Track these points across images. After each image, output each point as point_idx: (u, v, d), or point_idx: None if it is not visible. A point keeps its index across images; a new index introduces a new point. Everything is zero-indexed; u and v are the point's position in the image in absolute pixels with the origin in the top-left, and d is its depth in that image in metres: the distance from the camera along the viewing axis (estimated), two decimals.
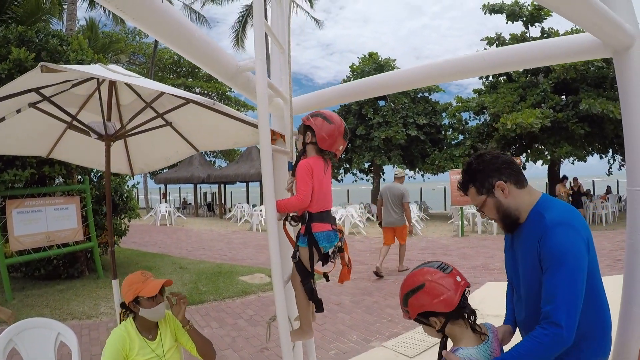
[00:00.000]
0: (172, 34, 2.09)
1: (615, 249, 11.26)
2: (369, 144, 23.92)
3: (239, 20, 30.59)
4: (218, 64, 2.46)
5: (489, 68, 3.14)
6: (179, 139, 4.59)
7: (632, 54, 2.61)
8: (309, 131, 2.63)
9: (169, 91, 2.84)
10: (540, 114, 18.58)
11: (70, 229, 9.01)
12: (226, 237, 17.57)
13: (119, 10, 1.87)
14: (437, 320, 1.90)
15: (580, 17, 2.37)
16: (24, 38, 8.76)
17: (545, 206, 1.98)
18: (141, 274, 2.73)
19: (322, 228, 2.55)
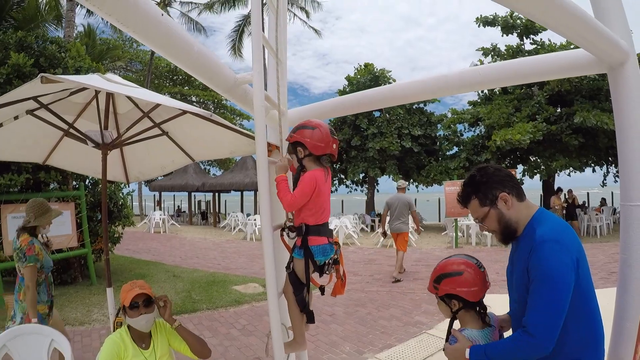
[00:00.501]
0: (172, 47, 2.11)
1: (609, 261, 11.30)
2: (364, 155, 23.98)
3: (235, 29, 30.72)
4: (216, 77, 2.49)
5: (484, 83, 3.19)
6: (175, 149, 4.61)
7: (626, 70, 2.65)
8: (298, 147, 2.60)
9: (165, 103, 2.86)
10: (532, 128, 18.68)
11: (64, 235, 8.98)
12: (220, 245, 17.52)
13: (120, 24, 1.89)
14: (457, 304, 2.19)
15: (576, 35, 2.41)
16: (23, 43, 8.81)
17: (538, 221, 2.01)
18: (130, 284, 2.78)
19: (318, 241, 2.54)
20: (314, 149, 2.54)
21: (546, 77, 3.18)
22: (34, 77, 8.39)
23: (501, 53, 22.08)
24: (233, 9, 29.19)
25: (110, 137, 4.13)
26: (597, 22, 2.44)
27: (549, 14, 2.20)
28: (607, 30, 2.48)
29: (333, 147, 2.61)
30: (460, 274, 2.16)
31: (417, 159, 24.41)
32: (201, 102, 36.89)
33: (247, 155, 4.32)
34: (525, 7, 2.13)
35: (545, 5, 2.12)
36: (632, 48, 2.67)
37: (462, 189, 2.18)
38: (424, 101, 25.14)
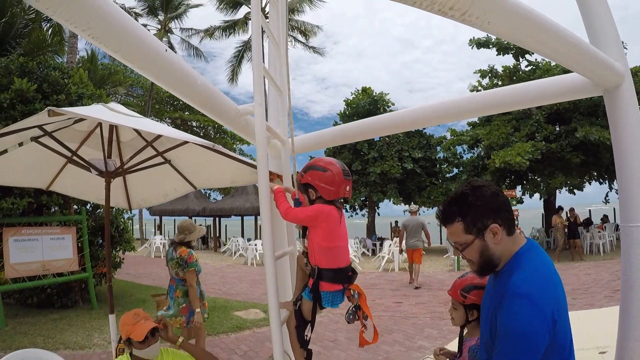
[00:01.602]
0: (176, 81, 2.17)
1: (613, 279, 11.24)
2: (365, 179, 24.02)
3: (235, 55, 31.02)
4: (219, 109, 2.54)
5: (482, 110, 3.25)
6: (177, 177, 4.66)
7: (622, 92, 2.69)
8: (310, 189, 2.49)
9: (168, 134, 2.91)
10: (532, 147, 18.70)
11: (65, 259, 8.99)
12: (221, 270, 17.43)
13: (125, 60, 1.95)
14: (475, 314, 2.35)
15: (571, 62, 2.46)
16: (26, 69, 8.94)
17: (519, 263, 1.75)
18: (133, 316, 2.78)
19: (330, 288, 2.44)
20: (325, 194, 2.43)
21: (543, 102, 3.24)
22: (37, 102, 8.51)
23: (498, 74, 22.27)
24: (233, 35, 29.58)
25: (113, 166, 4.18)
26: (591, 47, 2.49)
27: (544, 43, 2.25)
28: (602, 55, 2.53)
29: (346, 190, 2.48)
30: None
31: (418, 181, 24.45)
32: (201, 127, 37.08)
33: (248, 184, 4.36)
34: (521, 38, 2.17)
35: (540, 35, 2.16)
36: (627, 70, 2.71)
37: (446, 206, 1.84)
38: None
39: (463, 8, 1.59)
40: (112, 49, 1.89)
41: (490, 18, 1.72)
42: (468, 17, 1.64)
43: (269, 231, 2.33)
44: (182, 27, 31.78)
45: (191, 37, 31.69)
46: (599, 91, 2.80)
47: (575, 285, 10.80)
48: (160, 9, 30.68)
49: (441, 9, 1.57)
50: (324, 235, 2.42)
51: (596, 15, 2.79)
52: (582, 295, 9.73)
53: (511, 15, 1.84)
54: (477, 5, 1.61)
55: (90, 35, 1.80)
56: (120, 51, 1.90)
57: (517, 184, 22.25)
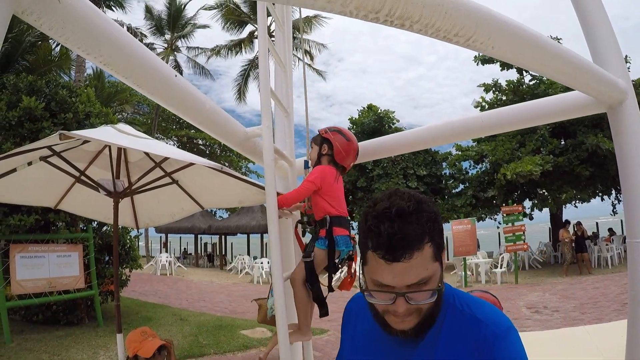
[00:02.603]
0: (186, 106, 2.21)
1: (622, 292, 11.10)
2: (370, 196, 23.97)
3: (241, 73, 31.21)
4: (228, 132, 2.58)
5: (487, 129, 3.26)
6: (184, 197, 4.68)
7: (625, 108, 2.71)
8: (325, 144, 2.83)
9: (177, 156, 2.94)
10: (540, 160, 18.63)
11: (72, 277, 9.01)
12: (227, 289, 17.39)
13: (136, 86, 1.99)
14: None
15: (574, 81, 2.48)
16: (34, 87, 9.05)
17: (460, 297, 1.28)
18: (140, 333, 2.80)
19: (341, 232, 2.68)
20: (337, 155, 2.80)
21: (548, 121, 3.25)
22: (44, 120, 8.60)
23: (502, 88, 22.27)
24: (239, 54, 29.82)
25: (122, 186, 4.22)
26: (594, 66, 2.52)
27: (548, 65, 2.27)
28: (605, 73, 2.56)
29: (350, 164, 2.90)
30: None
31: None
32: (207, 145, 37.28)
33: (256, 204, 4.38)
34: (524, 61, 2.20)
35: (544, 58, 2.19)
36: (630, 86, 2.74)
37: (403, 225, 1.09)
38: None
39: (467, 34, 1.63)
40: (123, 75, 1.93)
41: (494, 43, 1.75)
42: (472, 43, 1.67)
43: (278, 252, 2.35)
44: (189, 46, 32.11)
45: (197, 56, 31.97)
46: (602, 108, 2.82)
47: (583, 300, 10.70)
48: (167, 28, 31.08)
49: (446, 35, 1.60)
50: (326, 191, 2.75)
51: (598, 32, 2.83)
52: (590, 309, 9.64)
53: (515, 39, 1.87)
54: (481, 31, 1.65)
55: (102, 62, 1.84)
56: (131, 77, 1.94)
57: (525, 199, 22.16)
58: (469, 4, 1.60)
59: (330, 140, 2.81)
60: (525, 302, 11.16)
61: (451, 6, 1.52)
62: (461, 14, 1.56)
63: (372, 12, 1.41)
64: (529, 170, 18.03)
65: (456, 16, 1.55)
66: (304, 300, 2.67)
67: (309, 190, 2.70)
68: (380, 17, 1.43)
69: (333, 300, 2.77)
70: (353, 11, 1.40)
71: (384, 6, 1.39)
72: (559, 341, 6.73)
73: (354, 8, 1.39)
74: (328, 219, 2.67)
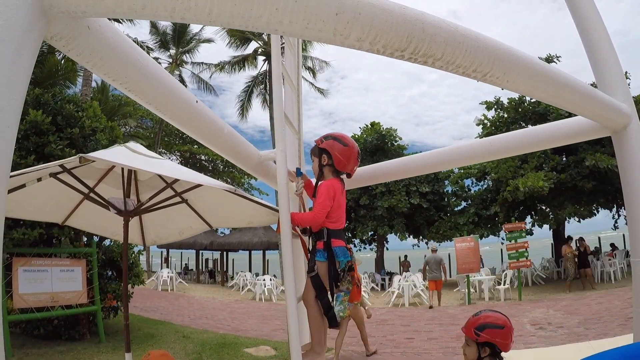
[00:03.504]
0: (205, 131, 2.27)
1: (626, 306, 11.01)
2: (373, 214, 23.98)
3: (244, 90, 31.28)
4: (243, 156, 2.63)
5: (495, 153, 3.32)
6: (193, 215, 4.72)
7: (629, 132, 2.77)
8: (324, 154, 2.78)
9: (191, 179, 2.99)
10: (545, 177, 18.63)
11: (74, 292, 8.97)
12: (229, 306, 17.30)
13: (158, 111, 2.05)
14: (487, 351, 2.53)
15: (579, 108, 2.54)
16: (41, 100, 9.08)
17: None
18: (160, 356, 2.80)
19: (339, 244, 2.70)
20: (338, 164, 2.74)
21: (552, 145, 3.31)
22: (50, 134, 8.63)
23: (504, 106, 22.35)
24: (243, 70, 29.95)
25: (132, 205, 4.26)
26: (600, 93, 2.58)
27: (558, 95, 2.34)
28: (610, 99, 2.62)
29: (353, 169, 2.83)
30: (502, 328, 2.51)
31: (426, 215, 24.36)
32: (210, 160, 37.33)
33: (265, 225, 4.41)
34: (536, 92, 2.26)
35: (554, 89, 2.26)
36: (634, 110, 2.80)
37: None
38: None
39: (485, 70, 1.69)
40: (147, 101, 1.99)
41: (509, 77, 1.82)
42: (489, 78, 1.73)
43: (291, 274, 2.38)
44: (193, 62, 32.33)
45: (202, 72, 32.15)
46: (607, 132, 2.88)
47: (587, 315, 10.63)
48: (172, 43, 31.33)
49: (465, 71, 1.67)
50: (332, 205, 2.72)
51: (603, 58, 2.90)
52: (594, 325, 9.59)
53: (528, 73, 1.94)
54: (498, 66, 1.71)
55: (127, 88, 1.90)
56: (154, 103, 2.00)
57: (527, 216, 22.14)
58: (486, 42, 1.67)
59: (327, 149, 2.75)
60: (529, 319, 11.11)
61: (471, 44, 1.59)
62: (480, 51, 1.63)
63: (398, 50, 1.48)
64: (541, 186, 17.98)
65: (475, 53, 1.61)
66: (317, 319, 2.69)
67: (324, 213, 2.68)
68: (406, 55, 1.50)
69: None
70: (380, 49, 1.47)
71: (410, 45, 1.46)
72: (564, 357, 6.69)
73: (381, 46, 1.46)
74: (326, 231, 2.69)
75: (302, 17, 1.35)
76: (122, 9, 1.36)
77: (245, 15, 1.32)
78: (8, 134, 1.30)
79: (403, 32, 1.45)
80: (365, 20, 1.40)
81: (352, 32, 1.40)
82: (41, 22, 1.41)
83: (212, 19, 1.35)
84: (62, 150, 8.62)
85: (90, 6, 1.37)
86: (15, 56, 1.31)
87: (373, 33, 1.43)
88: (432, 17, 1.56)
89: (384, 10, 1.43)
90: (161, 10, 1.33)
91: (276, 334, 10.91)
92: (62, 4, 1.38)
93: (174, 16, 1.36)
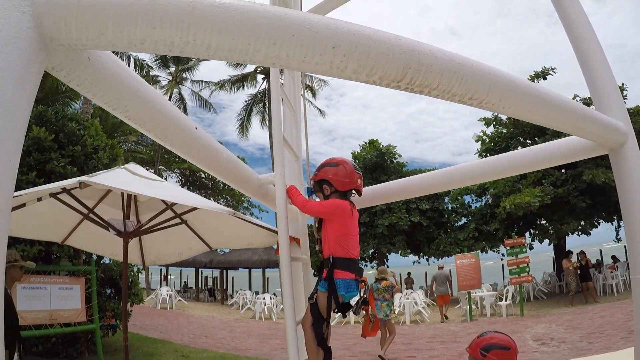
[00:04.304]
0: (204, 157, 2.29)
1: (628, 319, 10.90)
2: (373, 232, 23.92)
3: (244, 108, 31.44)
4: (243, 180, 2.65)
5: (494, 173, 3.33)
6: (193, 236, 4.72)
7: (626, 150, 2.77)
8: (324, 184, 2.75)
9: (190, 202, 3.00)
10: (540, 192, 18.67)
11: (73, 309, 8.89)
12: (229, 324, 17.16)
13: (159, 139, 2.07)
14: None
15: (579, 130, 2.56)
16: (43, 118, 9.12)
17: None
18: None
19: (344, 275, 2.60)
20: (339, 185, 2.70)
21: (550, 164, 3.32)
22: (52, 151, 8.66)
23: (502, 122, 22.43)
24: (242, 89, 30.12)
25: (132, 226, 4.27)
26: (597, 113, 2.60)
27: (554, 118, 2.36)
28: (605, 118, 2.63)
29: (358, 182, 2.77)
30: (508, 349, 2.52)
31: (426, 232, 24.30)
32: (210, 178, 37.32)
33: (265, 246, 4.42)
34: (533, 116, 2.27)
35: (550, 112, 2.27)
36: (630, 128, 2.81)
37: None
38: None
39: (481, 97, 1.71)
40: (147, 129, 2.01)
41: (505, 103, 1.84)
42: (485, 104, 1.75)
43: (290, 297, 2.38)
44: (193, 79, 32.52)
45: (202, 90, 32.32)
46: (604, 150, 2.88)
47: (590, 329, 10.54)
48: (172, 61, 31.55)
49: (461, 99, 1.69)
50: (339, 227, 2.66)
51: (599, 77, 2.92)
52: (598, 338, 9.50)
53: (524, 97, 1.96)
54: (493, 93, 1.74)
55: (127, 117, 1.92)
56: (154, 131, 2.02)
57: (526, 231, 22.09)
58: (482, 69, 1.69)
59: (323, 178, 2.74)
60: (531, 335, 11.02)
61: (467, 72, 1.61)
62: (475, 79, 1.65)
63: (395, 81, 1.50)
64: (527, 201, 18.09)
65: (471, 81, 1.63)
66: (312, 345, 2.65)
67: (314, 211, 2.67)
68: (402, 85, 1.52)
69: None
70: (377, 80, 1.49)
71: (406, 76, 1.48)
72: None
73: (377, 78, 1.48)
74: (331, 259, 2.61)
75: (299, 51, 1.37)
76: (121, 43, 1.38)
77: (243, 50, 1.35)
78: (10, 167, 1.31)
79: (399, 63, 1.48)
80: (362, 52, 1.43)
81: (348, 64, 1.43)
82: (42, 55, 1.43)
83: (211, 53, 1.38)
84: (63, 167, 8.65)
85: (90, 40, 1.40)
86: (16, 89, 1.33)
87: (369, 65, 1.45)
88: (428, 47, 1.58)
89: (380, 42, 1.45)
90: (160, 45, 1.35)
91: (276, 354, 10.81)
92: (63, 37, 1.40)
93: (173, 50, 1.38)
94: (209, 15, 1.29)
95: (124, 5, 1.32)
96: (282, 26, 1.34)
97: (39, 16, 1.36)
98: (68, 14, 1.35)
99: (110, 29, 1.35)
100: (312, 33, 1.37)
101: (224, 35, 1.31)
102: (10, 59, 1.32)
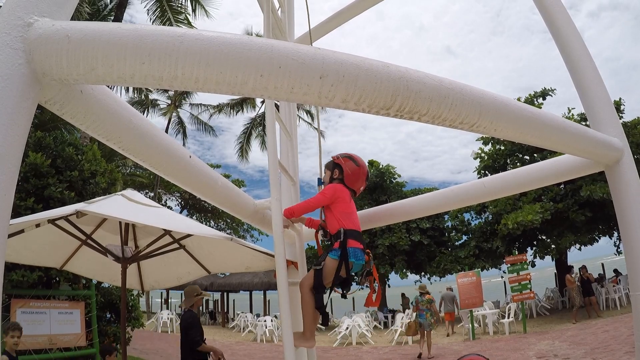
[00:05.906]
0: (199, 185, 2.29)
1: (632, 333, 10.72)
2: (373, 252, 23.70)
3: (244, 132, 31.45)
4: (238, 206, 2.65)
5: (489, 194, 3.32)
6: (191, 261, 4.71)
7: (622, 166, 2.77)
8: (337, 168, 3.01)
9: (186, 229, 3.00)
10: (540, 208, 18.63)
11: (73, 334, 8.83)
12: (230, 347, 16.98)
13: (154, 168, 2.08)
14: None
15: (574, 149, 2.57)
16: (42, 143, 9.14)
17: None
18: None
19: (355, 245, 2.76)
20: (348, 180, 2.98)
21: (547, 183, 3.32)
22: (50, 176, 8.66)
23: (500, 139, 22.49)
24: (241, 112, 30.21)
25: (130, 252, 4.26)
26: (591, 131, 2.61)
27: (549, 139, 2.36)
28: (600, 135, 2.64)
29: (360, 188, 3.07)
30: None
31: (427, 251, 24.16)
32: None
33: (263, 270, 4.42)
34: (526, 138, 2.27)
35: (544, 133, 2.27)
36: (626, 144, 2.81)
37: None
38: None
39: (472, 121, 1.72)
40: (141, 159, 2.01)
41: (496, 126, 1.85)
42: (476, 128, 1.76)
43: (288, 321, 2.36)
44: (192, 103, 32.63)
45: (201, 113, 32.39)
46: (600, 167, 2.88)
47: (594, 345, 10.42)
48: None
49: (452, 124, 1.70)
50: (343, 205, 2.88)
51: (593, 94, 2.94)
52: (602, 354, 9.38)
53: (516, 120, 1.96)
54: (485, 117, 1.74)
55: (120, 148, 1.92)
56: (148, 161, 2.03)
57: (527, 247, 21.98)
58: (472, 93, 1.70)
59: (341, 165, 3.00)
60: (534, 352, 10.89)
61: (457, 97, 1.62)
62: (466, 103, 1.66)
63: (384, 108, 1.52)
64: (530, 220, 18.05)
65: (461, 106, 1.65)
66: (309, 306, 2.72)
67: (318, 203, 2.84)
68: (391, 112, 1.54)
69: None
70: (366, 109, 1.51)
71: (395, 103, 1.50)
72: None
73: (366, 106, 1.50)
74: (342, 231, 2.76)
75: (286, 82, 1.39)
76: (112, 78, 1.40)
77: (231, 82, 1.36)
78: (5, 201, 1.32)
79: (387, 90, 1.49)
80: (349, 82, 1.45)
81: (336, 94, 1.44)
82: (35, 89, 1.45)
83: (199, 87, 1.39)
84: (61, 192, 8.66)
85: (81, 75, 1.42)
86: (10, 124, 1.35)
87: (357, 94, 1.47)
88: (416, 73, 1.59)
89: (367, 71, 1.47)
90: (149, 79, 1.37)
91: None
92: (54, 72, 1.42)
93: (162, 84, 1.40)
94: (196, 50, 1.31)
95: (113, 42, 1.34)
96: (269, 58, 1.36)
97: (31, 52, 1.38)
98: (59, 50, 1.37)
99: (100, 65, 1.37)
100: (299, 64, 1.39)
101: (212, 69, 1.33)
102: (3, 95, 1.34)
